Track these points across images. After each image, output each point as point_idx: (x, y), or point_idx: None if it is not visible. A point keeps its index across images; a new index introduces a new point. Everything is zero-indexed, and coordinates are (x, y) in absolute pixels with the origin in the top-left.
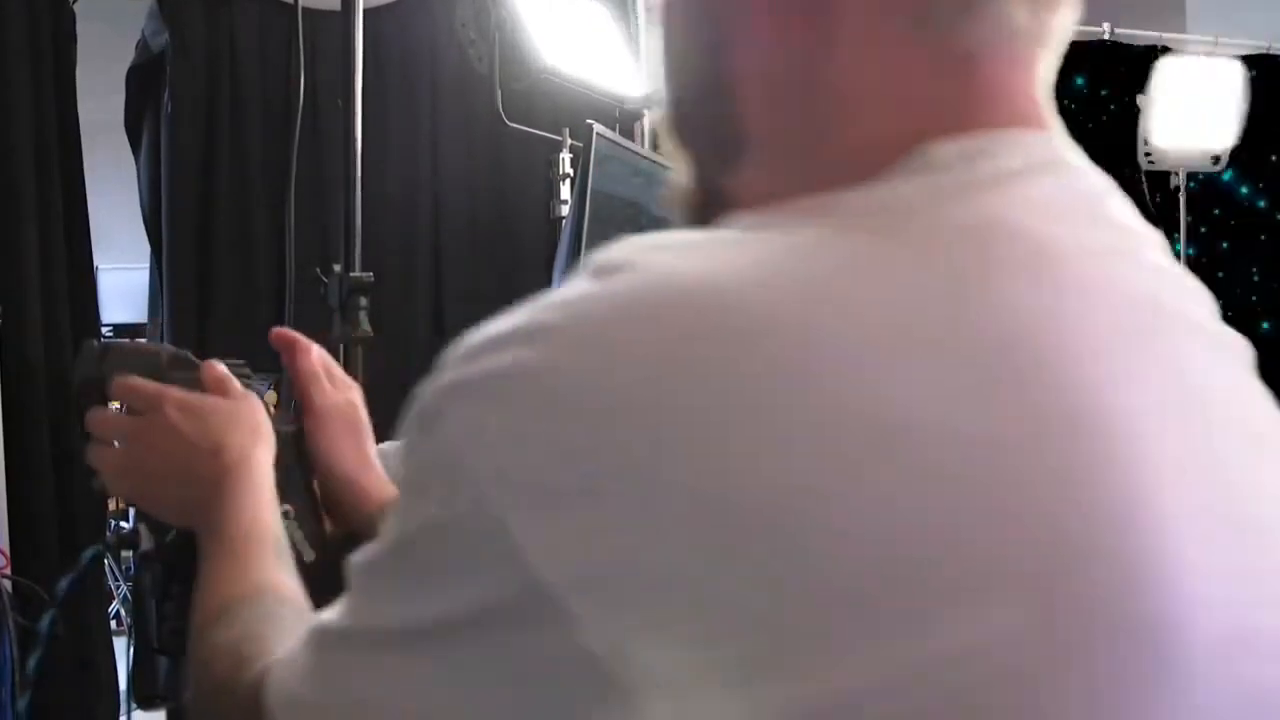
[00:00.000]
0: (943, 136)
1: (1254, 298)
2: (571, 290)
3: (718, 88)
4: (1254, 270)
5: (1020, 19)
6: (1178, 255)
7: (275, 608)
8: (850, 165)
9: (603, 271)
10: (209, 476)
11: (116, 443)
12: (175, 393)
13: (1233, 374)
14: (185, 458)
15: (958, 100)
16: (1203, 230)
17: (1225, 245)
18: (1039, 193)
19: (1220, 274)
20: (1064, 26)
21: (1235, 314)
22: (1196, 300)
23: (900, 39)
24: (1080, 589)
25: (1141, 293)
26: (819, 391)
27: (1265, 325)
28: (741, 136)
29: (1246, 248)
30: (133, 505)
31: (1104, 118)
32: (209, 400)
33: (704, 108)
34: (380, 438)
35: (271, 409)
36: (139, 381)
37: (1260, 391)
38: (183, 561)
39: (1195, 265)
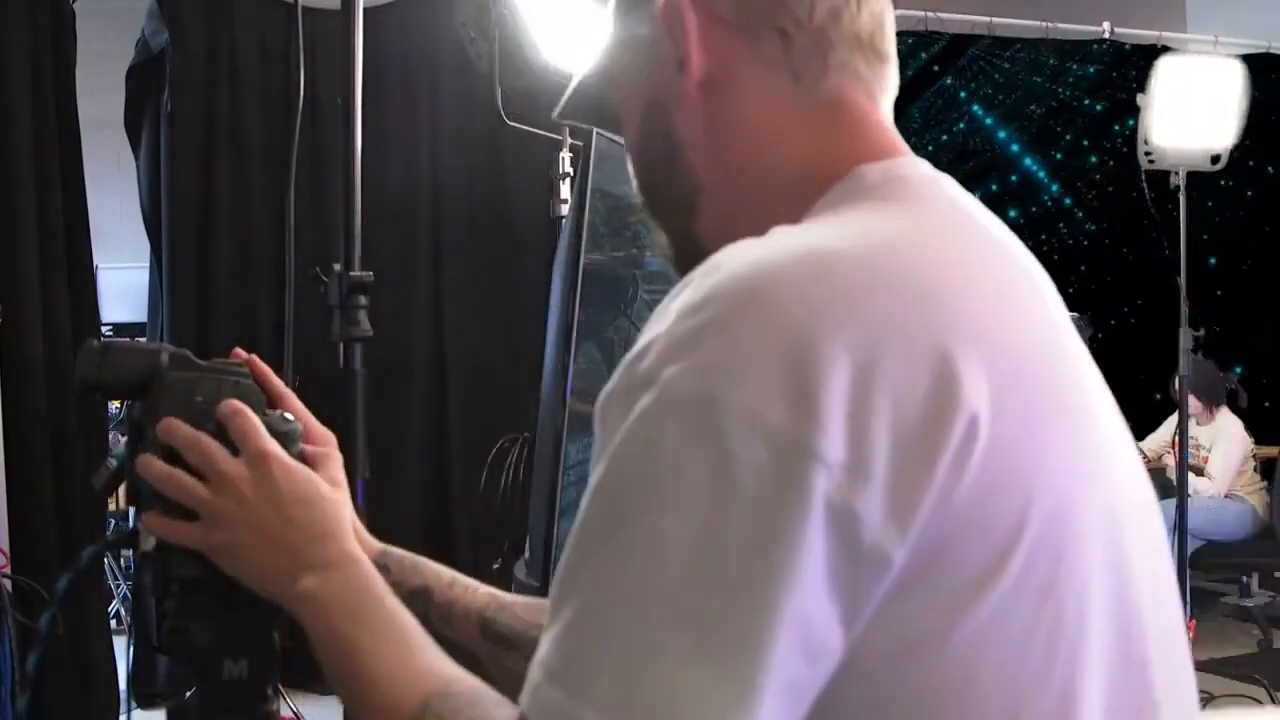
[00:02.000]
0: (857, 164)
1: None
2: (690, 298)
3: (671, 156)
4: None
5: (861, 69)
6: (1178, 250)
7: (481, 691)
8: (796, 188)
9: (706, 274)
10: (321, 559)
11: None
12: (278, 460)
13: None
14: (287, 534)
15: (843, 138)
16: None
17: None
18: (945, 191)
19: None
20: (892, 76)
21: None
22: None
23: (783, 95)
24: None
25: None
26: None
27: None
28: (694, 187)
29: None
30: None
31: (1103, 116)
32: (312, 479)
33: (665, 174)
34: (380, 433)
35: (266, 409)
36: (251, 429)
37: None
38: (183, 561)
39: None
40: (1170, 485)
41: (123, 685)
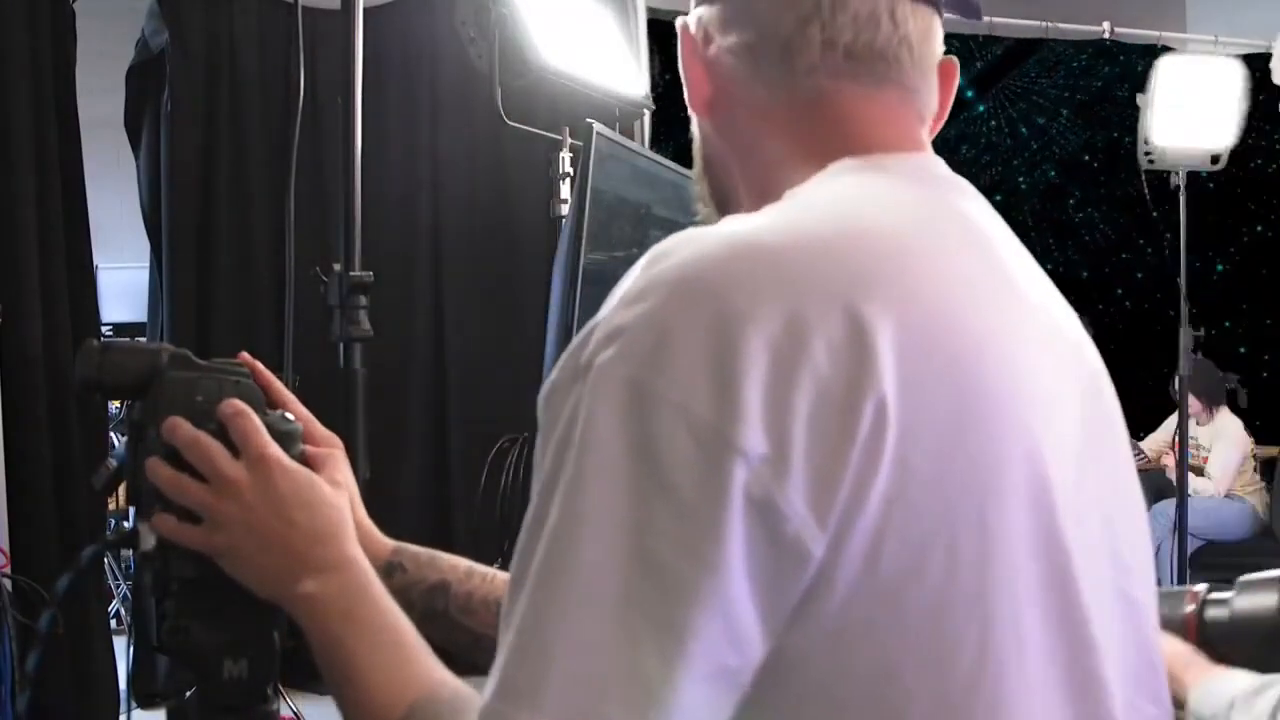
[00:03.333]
0: (843, 156)
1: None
2: (631, 286)
3: (706, 161)
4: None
5: (844, 70)
6: (1177, 250)
7: (463, 696)
8: (790, 182)
9: (651, 263)
10: (321, 561)
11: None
12: (279, 463)
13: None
14: (287, 537)
15: (824, 136)
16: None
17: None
18: (944, 188)
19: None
20: (895, 73)
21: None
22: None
23: (764, 104)
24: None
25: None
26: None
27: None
28: (732, 188)
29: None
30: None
31: (1103, 116)
32: (313, 481)
33: (706, 175)
34: (382, 433)
35: (266, 409)
36: (252, 430)
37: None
38: (183, 561)
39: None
40: (1170, 485)
41: (123, 685)
